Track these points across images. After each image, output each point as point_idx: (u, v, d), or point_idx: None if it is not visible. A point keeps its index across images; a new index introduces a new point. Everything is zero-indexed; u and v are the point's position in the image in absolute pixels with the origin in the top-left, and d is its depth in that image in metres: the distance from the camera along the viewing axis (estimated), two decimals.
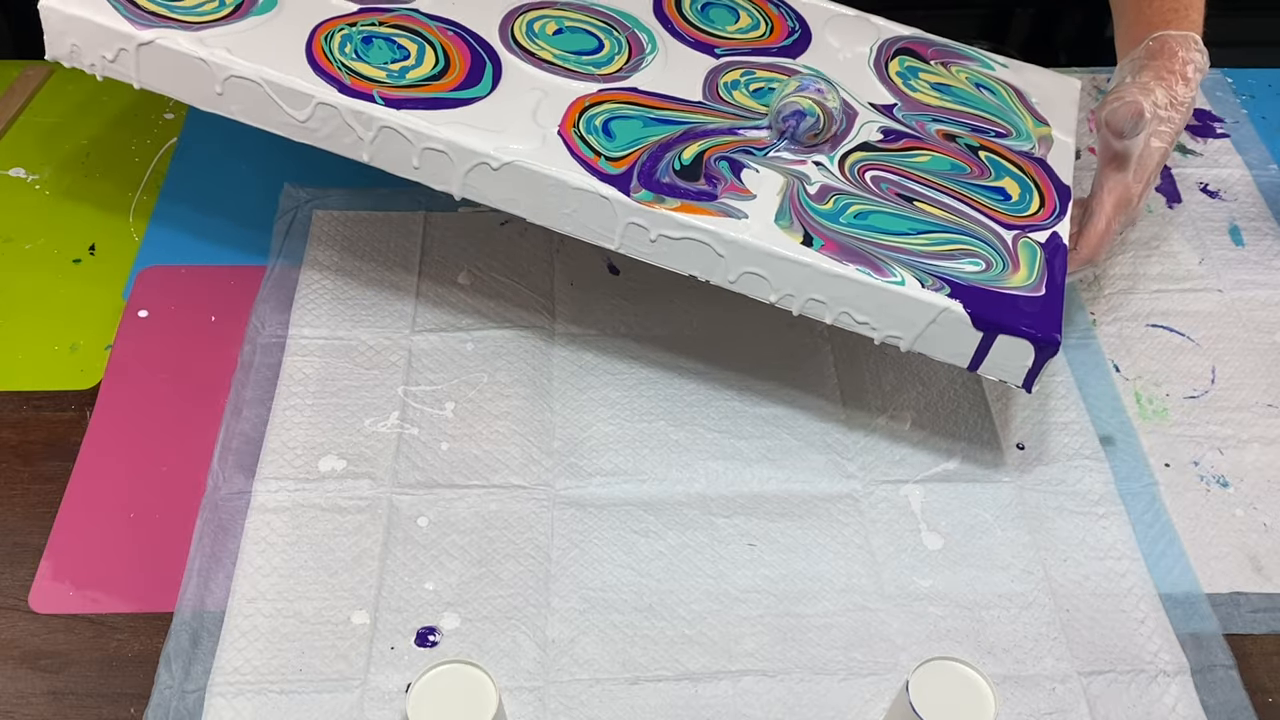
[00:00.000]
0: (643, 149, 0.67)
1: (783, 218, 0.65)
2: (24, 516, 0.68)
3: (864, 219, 0.66)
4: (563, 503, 0.68)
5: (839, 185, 0.68)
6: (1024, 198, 0.70)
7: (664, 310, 0.79)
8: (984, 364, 0.64)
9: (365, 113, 0.66)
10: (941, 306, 0.62)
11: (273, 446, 0.70)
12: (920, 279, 0.63)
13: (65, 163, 0.88)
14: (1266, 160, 0.92)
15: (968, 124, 0.75)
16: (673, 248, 0.65)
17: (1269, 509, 0.70)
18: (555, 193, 0.65)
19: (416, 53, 0.70)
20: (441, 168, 0.67)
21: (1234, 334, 0.79)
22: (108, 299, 0.79)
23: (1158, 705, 0.61)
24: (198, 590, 0.64)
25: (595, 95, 0.70)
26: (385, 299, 0.79)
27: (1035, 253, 0.67)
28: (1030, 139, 0.75)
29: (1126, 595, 0.65)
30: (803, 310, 0.65)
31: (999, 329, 0.62)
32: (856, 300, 0.63)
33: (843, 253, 0.64)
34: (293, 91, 0.66)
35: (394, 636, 0.63)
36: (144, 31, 0.67)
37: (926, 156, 0.71)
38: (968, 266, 0.65)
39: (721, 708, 0.60)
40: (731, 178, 0.67)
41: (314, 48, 0.69)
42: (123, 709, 0.60)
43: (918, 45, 0.81)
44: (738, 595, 0.65)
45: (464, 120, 0.66)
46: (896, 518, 0.68)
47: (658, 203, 0.64)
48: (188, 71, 0.68)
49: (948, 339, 0.63)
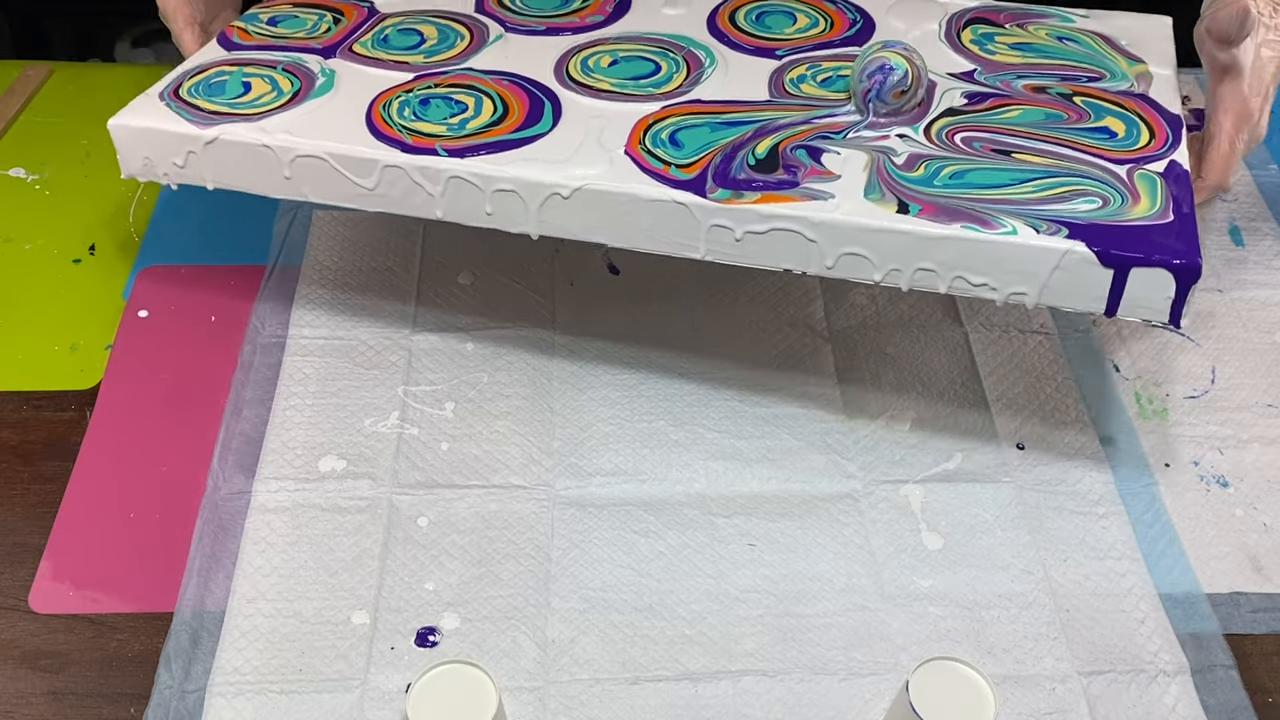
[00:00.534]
0: (714, 152, 0.65)
1: (872, 191, 0.62)
2: (24, 516, 0.68)
3: (960, 178, 0.63)
4: (563, 503, 0.68)
5: (928, 151, 0.65)
6: (1131, 133, 0.67)
7: (664, 310, 0.79)
8: (1122, 305, 0.59)
9: (431, 167, 0.65)
10: (1063, 249, 0.58)
11: (273, 446, 0.70)
12: (1034, 225, 0.59)
13: (65, 163, 0.89)
14: (1266, 160, 0.92)
15: (1056, 75, 0.72)
16: (761, 243, 0.62)
17: (1269, 509, 0.70)
18: (631, 210, 0.64)
19: (474, 105, 0.70)
20: (514, 209, 0.66)
21: (1234, 334, 0.79)
22: (108, 299, 0.79)
23: (1158, 705, 0.61)
24: (198, 590, 0.64)
25: (658, 112, 0.69)
26: (385, 299, 0.79)
27: (1155, 182, 0.62)
28: (1127, 78, 0.72)
29: (1126, 595, 0.65)
30: (913, 284, 0.61)
31: (1131, 262, 0.58)
32: (968, 261, 0.60)
33: (943, 214, 0.60)
34: (357, 160, 0.66)
35: (394, 636, 0.63)
36: (208, 130, 0.69)
37: (1017, 111, 0.68)
38: (1083, 206, 0.61)
39: (721, 708, 0.60)
40: (811, 163, 0.64)
41: (374, 117, 0.69)
42: (123, 709, 0.60)
43: (989, 13, 0.79)
44: (738, 595, 0.65)
45: (529, 156, 0.66)
46: (896, 518, 0.68)
47: (737, 198, 0.62)
48: (255, 161, 0.68)
49: (1077, 284, 0.59)
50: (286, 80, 0.73)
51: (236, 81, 0.73)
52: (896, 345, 0.77)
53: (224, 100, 0.72)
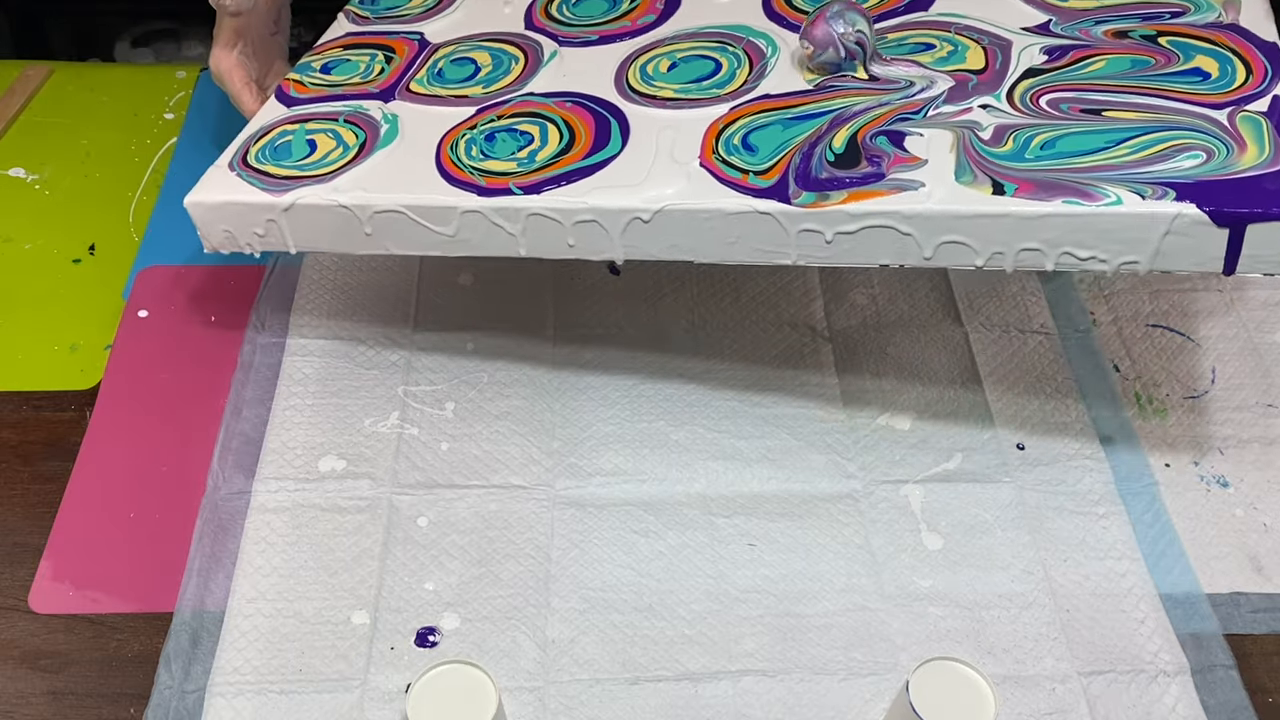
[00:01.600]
0: (790, 152, 0.63)
1: (964, 174, 0.59)
2: (24, 516, 0.68)
3: (1052, 147, 0.60)
4: (563, 503, 0.69)
5: (1014, 121, 0.62)
6: (1226, 71, 0.63)
7: (664, 310, 0.79)
8: (1241, 262, 0.56)
9: (508, 207, 0.64)
10: (1173, 214, 0.55)
11: (273, 446, 0.70)
12: (1139, 191, 0.56)
13: (65, 163, 0.89)
14: None
15: (1136, 15, 0.68)
16: (854, 242, 0.60)
17: (1269, 509, 0.70)
18: (716, 225, 0.61)
19: (540, 134, 0.69)
20: (596, 238, 0.64)
21: (1234, 334, 0.80)
22: (108, 299, 0.79)
23: (1158, 705, 0.61)
24: (198, 590, 0.64)
25: (728, 115, 0.67)
26: (385, 299, 0.79)
27: (1260, 125, 0.59)
28: (1213, 8, 0.68)
29: (1126, 595, 0.65)
30: (1017, 265, 0.59)
31: (1247, 218, 0.55)
32: (1075, 235, 0.57)
33: (1041, 190, 0.57)
34: (434, 209, 0.65)
35: (394, 636, 0.63)
36: (283, 197, 0.67)
37: (1101, 62, 0.65)
38: (1187, 162, 0.57)
39: (721, 708, 0.60)
40: (895, 150, 0.61)
41: (443, 161, 0.68)
42: (123, 709, 0.60)
43: None
44: (738, 595, 0.65)
45: (604, 183, 0.64)
46: (896, 518, 0.68)
47: (823, 200, 0.59)
48: (335, 222, 0.67)
49: (1190, 247, 0.56)
50: (350, 133, 0.72)
51: (301, 141, 0.72)
52: (896, 345, 0.77)
53: (293, 163, 0.70)
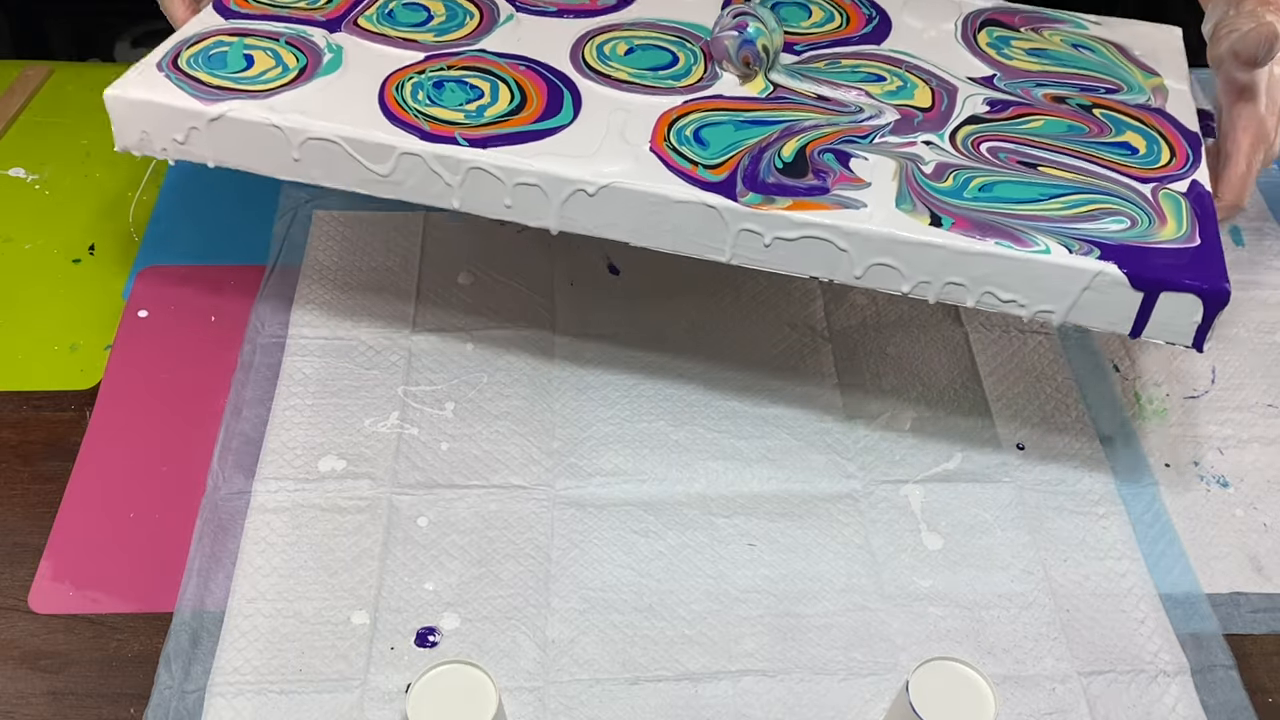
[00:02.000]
0: (740, 153, 0.65)
1: (904, 201, 0.62)
2: (24, 516, 0.68)
3: (990, 190, 0.63)
4: (563, 503, 0.68)
5: (955, 161, 0.65)
6: (1152, 150, 0.67)
7: (664, 310, 0.79)
8: (1148, 327, 0.59)
9: (451, 157, 0.64)
10: (1095, 270, 0.58)
11: (273, 446, 0.70)
12: (1066, 245, 0.59)
13: (65, 163, 0.89)
14: None
15: (1074, 84, 0.72)
16: (790, 250, 0.62)
17: (1269, 509, 0.70)
18: (658, 210, 0.63)
19: (490, 90, 0.69)
20: (535, 202, 0.64)
21: (1234, 334, 0.79)
22: (108, 299, 0.79)
23: (1158, 705, 0.61)
24: (198, 590, 0.64)
25: (680, 107, 0.68)
26: (385, 299, 0.79)
27: (1180, 203, 0.63)
28: (1143, 91, 0.72)
29: (1126, 595, 0.65)
30: (940, 297, 0.61)
31: (1161, 286, 0.58)
32: (1000, 277, 0.60)
33: (977, 228, 0.60)
34: (373, 145, 0.65)
35: (394, 636, 0.63)
36: (212, 106, 0.66)
37: (1040, 121, 0.68)
38: (1112, 226, 0.61)
39: (721, 708, 0.60)
40: (840, 168, 0.64)
41: (387, 99, 0.67)
42: (123, 709, 0.60)
43: (1004, 15, 0.79)
44: (738, 595, 0.65)
45: (552, 150, 0.64)
46: (896, 518, 0.68)
47: (768, 204, 0.61)
48: (262, 141, 0.66)
49: (1105, 305, 0.59)
50: (291, 55, 0.71)
51: (238, 54, 0.70)
52: (896, 345, 0.77)
53: (227, 74, 0.69)
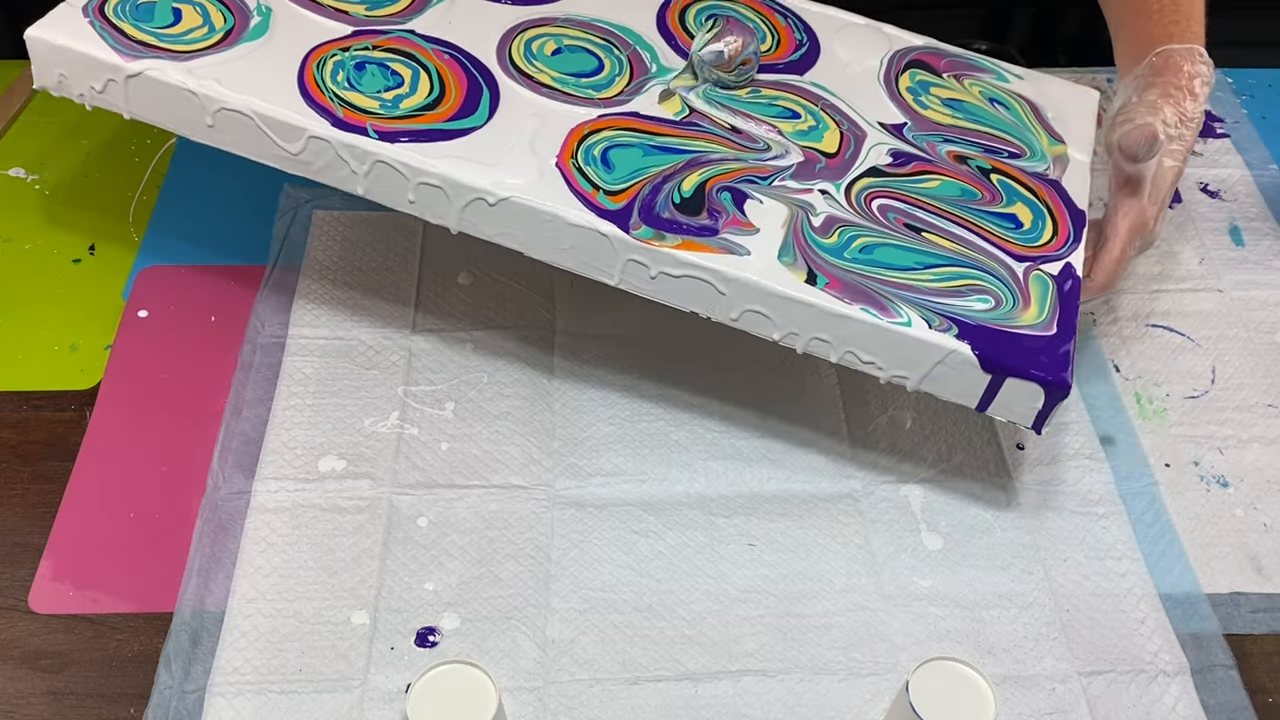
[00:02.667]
0: (643, 181, 0.66)
1: (786, 254, 0.64)
2: (24, 516, 0.68)
3: (869, 253, 0.65)
4: (563, 503, 0.68)
5: (845, 216, 0.66)
6: (1036, 225, 0.69)
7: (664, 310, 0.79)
8: (993, 405, 0.62)
9: (358, 146, 0.65)
10: (949, 349, 0.61)
11: (273, 446, 0.70)
12: (927, 319, 0.62)
13: (65, 163, 0.89)
14: (1266, 160, 0.92)
15: (980, 144, 0.74)
16: (674, 285, 0.64)
17: (1269, 509, 0.70)
18: (553, 229, 0.64)
19: (411, 79, 0.69)
20: (437, 202, 0.65)
21: (1234, 334, 0.80)
22: (108, 299, 0.79)
23: (1158, 705, 0.61)
24: (198, 590, 0.64)
25: (595, 122, 0.69)
26: (385, 299, 0.79)
27: (1047, 287, 0.65)
28: (1045, 159, 0.74)
29: (1126, 595, 0.65)
30: (807, 349, 0.64)
31: (1008, 372, 0.61)
32: (861, 340, 0.62)
33: (847, 291, 0.62)
34: (284, 124, 0.65)
35: (394, 636, 0.63)
36: (132, 63, 0.66)
37: (936, 181, 0.70)
38: (977, 304, 0.63)
39: (721, 708, 0.60)
40: (734, 210, 0.65)
41: (306, 77, 0.68)
42: (123, 709, 0.60)
43: (930, 57, 0.80)
44: (738, 595, 0.65)
45: (459, 153, 0.65)
46: (896, 518, 0.68)
47: (658, 240, 0.63)
48: (177, 103, 0.67)
49: (955, 380, 0.62)
50: (219, 14, 0.70)
51: (166, 7, 0.70)
52: None
53: (151, 28, 0.68)
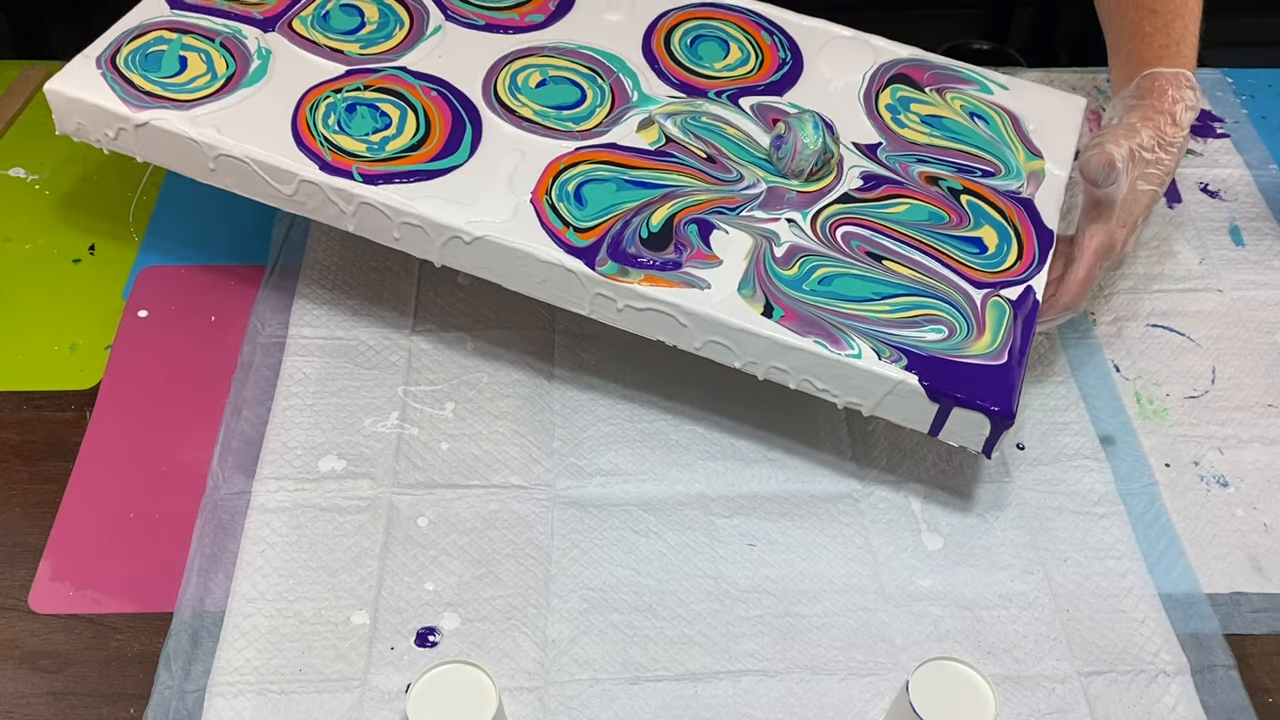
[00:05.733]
0: (614, 219, 0.68)
1: (746, 286, 0.65)
2: (24, 516, 0.68)
3: (829, 284, 0.66)
4: (563, 503, 0.68)
5: (808, 245, 0.68)
6: (1001, 249, 0.69)
7: None
8: (943, 431, 0.64)
9: (345, 189, 0.68)
10: (897, 379, 0.62)
11: (273, 446, 0.70)
12: (878, 350, 0.63)
13: (65, 163, 0.89)
14: (1266, 160, 0.92)
15: (954, 164, 0.74)
16: (639, 317, 0.66)
17: (1269, 509, 0.70)
18: (525, 264, 0.67)
19: (398, 120, 0.72)
20: (419, 239, 0.68)
21: (1234, 334, 0.79)
22: (108, 299, 0.79)
23: (1158, 705, 0.61)
24: (198, 590, 0.64)
25: (571, 155, 0.71)
26: (385, 299, 0.79)
27: (1003, 314, 0.66)
28: (1019, 176, 0.73)
29: (1126, 595, 0.65)
30: (767, 376, 0.66)
31: (954, 403, 0.62)
32: (815, 370, 0.64)
33: (801, 324, 0.64)
34: (277, 169, 0.69)
35: (394, 636, 0.63)
36: (139, 113, 0.71)
37: (904, 206, 0.71)
38: (929, 335, 0.64)
39: (721, 708, 0.60)
40: (699, 244, 0.67)
41: (299, 121, 0.71)
42: (123, 709, 0.60)
43: (914, 70, 0.79)
44: (738, 595, 0.65)
45: (439, 193, 0.68)
46: (896, 518, 0.68)
47: (621, 276, 0.65)
48: (182, 149, 0.71)
49: (905, 408, 0.63)
50: (223, 60, 0.74)
51: (174, 56, 0.74)
52: None
53: (158, 78, 0.73)
